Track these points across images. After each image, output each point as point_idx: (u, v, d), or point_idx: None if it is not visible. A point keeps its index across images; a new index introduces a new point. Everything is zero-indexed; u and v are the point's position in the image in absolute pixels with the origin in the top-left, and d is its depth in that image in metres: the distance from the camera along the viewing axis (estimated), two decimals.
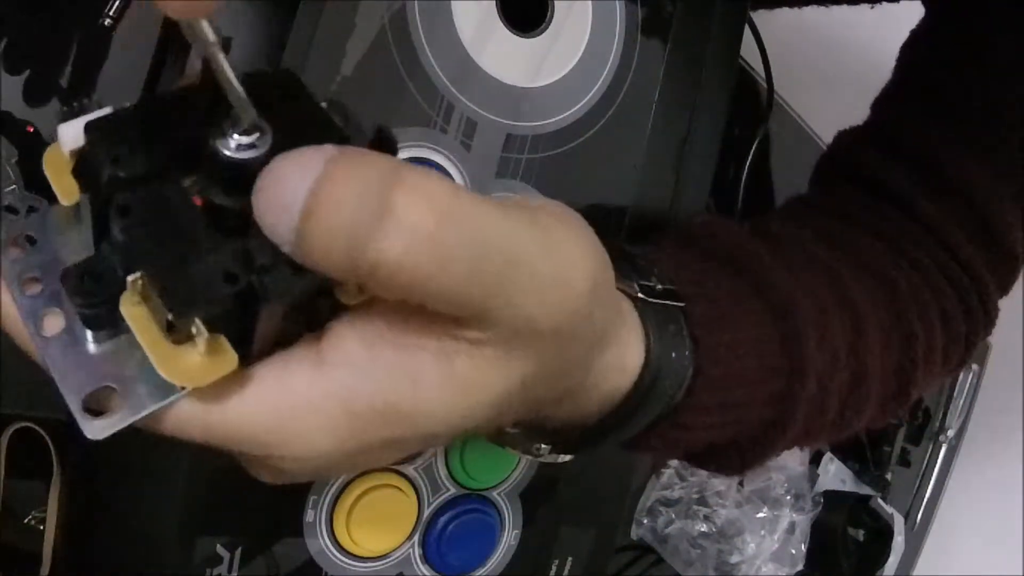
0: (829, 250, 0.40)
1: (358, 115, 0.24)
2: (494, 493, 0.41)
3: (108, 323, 0.23)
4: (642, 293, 0.32)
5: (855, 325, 0.37)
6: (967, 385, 0.92)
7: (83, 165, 0.23)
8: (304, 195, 0.21)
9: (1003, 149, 0.44)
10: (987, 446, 0.99)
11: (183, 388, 0.23)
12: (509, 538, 0.42)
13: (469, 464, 0.40)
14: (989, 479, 1.06)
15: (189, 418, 0.24)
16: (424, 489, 0.39)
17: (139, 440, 0.24)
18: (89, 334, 0.24)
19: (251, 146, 0.22)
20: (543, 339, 0.24)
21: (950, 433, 0.92)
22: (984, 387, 0.94)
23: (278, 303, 0.22)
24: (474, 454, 0.40)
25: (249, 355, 0.24)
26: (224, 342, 0.23)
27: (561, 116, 0.38)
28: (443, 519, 0.40)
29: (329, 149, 0.21)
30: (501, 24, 0.36)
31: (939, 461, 0.93)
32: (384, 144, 0.24)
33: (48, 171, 0.24)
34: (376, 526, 0.38)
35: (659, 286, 0.33)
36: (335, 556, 0.38)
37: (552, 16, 0.37)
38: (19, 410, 0.37)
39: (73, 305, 0.23)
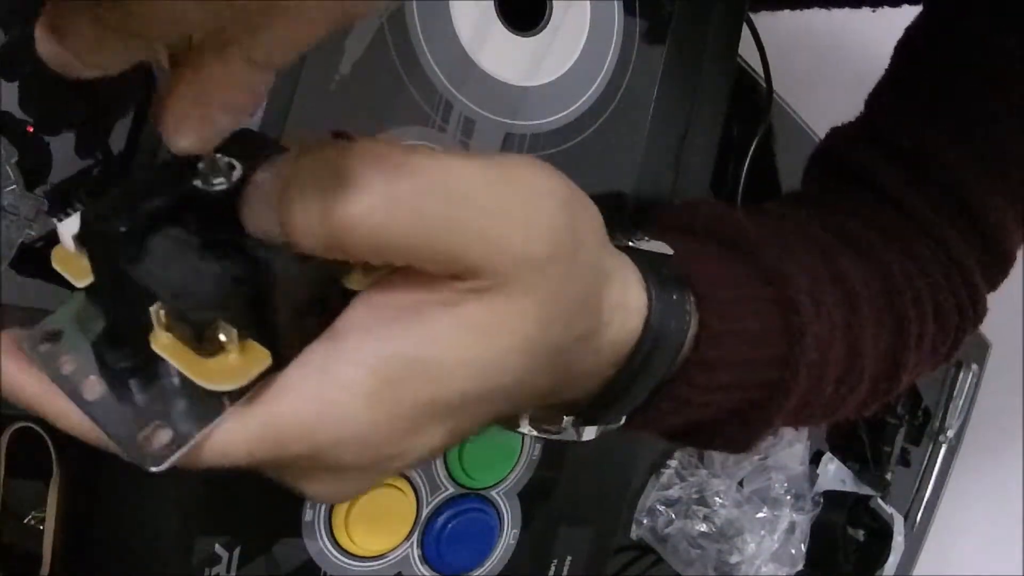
0: (823, 231, 0.40)
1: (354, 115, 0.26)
2: (493, 492, 0.41)
3: (144, 370, 0.25)
4: (632, 242, 0.32)
5: (849, 302, 0.37)
6: (967, 385, 0.92)
7: (88, 234, 0.25)
8: (279, 189, 0.23)
9: (996, 148, 0.44)
10: (987, 446, 0.99)
11: (227, 403, 0.24)
12: (508, 538, 0.42)
13: (468, 463, 0.40)
14: (989, 479, 1.06)
15: (231, 439, 0.24)
16: (423, 488, 0.39)
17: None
18: (131, 385, 0.25)
19: (227, 178, 0.24)
20: (542, 270, 0.25)
21: (950, 433, 0.92)
22: (984, 387, 0.94)
23: (286, 284, 0.24)
24: (473, 453, 0.40)
25: (279, 355, 0.25)
26: (253, 343, 0.24)
27: (559, 115, 0.38)
28: (442, 519, 0.40)
29: (292, 150, 0.24)
30: (499, 23, 0.36)
31: (939, 461, 0.93)
32: None
33: (58, 266, 0.26)
34: (375, 526, 0.38)
35: (648, 239, 0.33)
36: (334, 556, 0.38)
37: (550, 15, 0.37)
38: (19, 410, 0.37)
39: (110, 365, 0.25)
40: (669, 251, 0.33)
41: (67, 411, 0.25)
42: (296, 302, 0.25)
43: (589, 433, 0.34)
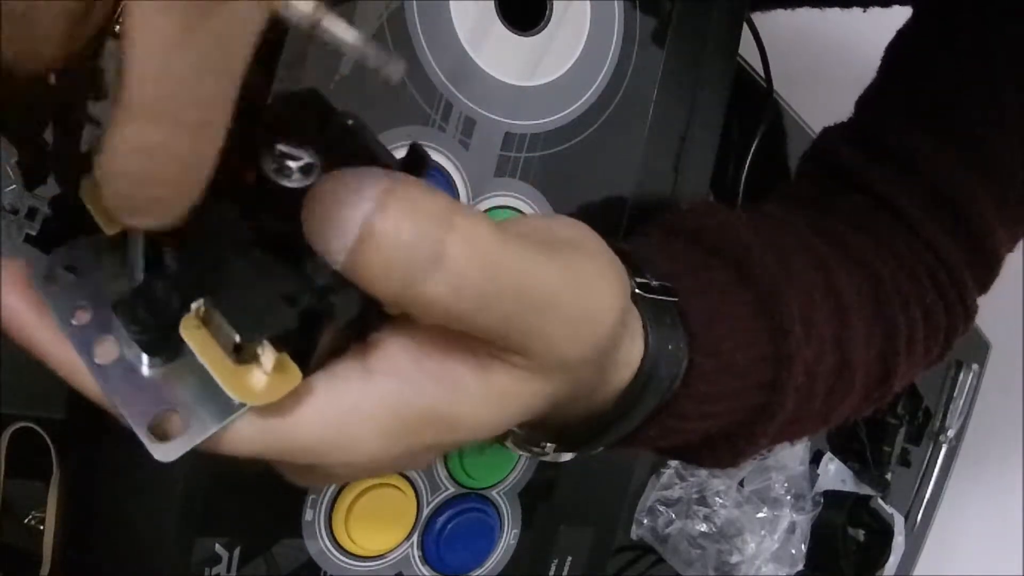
0: (818, 239, 0.41)
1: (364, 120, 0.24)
2: (493, 492, 0.41)
3: (164, 348, 0.24)
4: (639, 290, 0.33)
5: (840, 314, 0.38)
6: (967, 385, 0.92)
7: None
8: (360, 221, 0.22)
9: (983, 149, 0.44)
10: (987, 446, 0.99)
11: (241, 406, 0.23)
12: (508, 538, 0.42)
13: (468, 463, 0.40)
14: (989, 479, 1.06)
15: (247, 436, 0.24)
16: (423, 488, 0.39)
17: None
18: (145, 359, 0.24)
19: (304, 174, 0.23)
20: (577, 365, 0.27)
21: (950, 433, 0.92)
22: (984, 387, 0.95)
23: (343, 320, 0.23)
24: (473, 454, 0.40)
25: (308, 369, 0.24)
26: (287, 359, 0.23)
27: (560, 115, 0.38)
28: (442, 518, 0.40)
29: (383, 179, 0.22)
30: (499, 22, 0.36)
31: (939, 461, 0.93)
32: (416, 161, 0.24)
33: (87, 202, 0.24)
34: (375, 525, 0.38)
35: (654, 282, 0.34)
36: (334, 556, 0.38)
37: (550, 14, 0.37)
38: (19, 410, 0.37)
39: (129, 333, 0.23)
40: (674, 298, 0.34)
41: (76, 368, 0.24)
42: (343, 328, 0.24)
43: (568, 455, 0.35)
